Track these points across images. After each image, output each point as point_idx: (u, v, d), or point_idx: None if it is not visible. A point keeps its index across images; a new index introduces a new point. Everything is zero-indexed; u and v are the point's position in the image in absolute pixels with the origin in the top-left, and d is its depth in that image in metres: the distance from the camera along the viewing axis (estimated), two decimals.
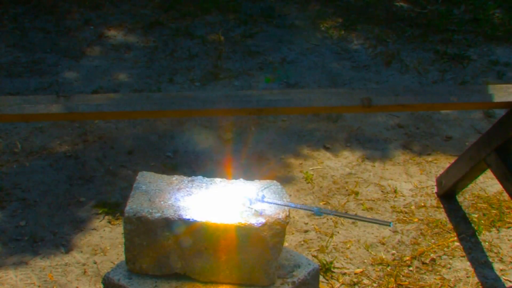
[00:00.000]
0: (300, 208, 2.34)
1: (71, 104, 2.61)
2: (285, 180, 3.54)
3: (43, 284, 2.86)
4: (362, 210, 3.35)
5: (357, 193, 3.46)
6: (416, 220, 3.31)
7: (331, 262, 2.99)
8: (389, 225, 3.22)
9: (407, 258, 3.07)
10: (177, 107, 2.64)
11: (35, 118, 2.70)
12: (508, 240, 3.20)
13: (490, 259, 3.08)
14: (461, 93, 2.79)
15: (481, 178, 3.51)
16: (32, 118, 2.69)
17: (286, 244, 3.05)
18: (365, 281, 2.93)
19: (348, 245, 3.12)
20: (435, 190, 3.50)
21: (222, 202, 2.21)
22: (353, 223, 3.25)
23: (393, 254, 3.09)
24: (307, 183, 3.53)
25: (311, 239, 3.15)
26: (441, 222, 3.29)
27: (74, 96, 2.67)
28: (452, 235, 3.22)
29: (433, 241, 3.18)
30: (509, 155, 2.95)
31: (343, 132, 3.99)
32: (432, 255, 3.09)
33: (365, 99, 2.70)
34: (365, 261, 3.04)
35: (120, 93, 2.77)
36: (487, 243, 3.18)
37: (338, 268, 2.99)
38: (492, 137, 2.98)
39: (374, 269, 2.99)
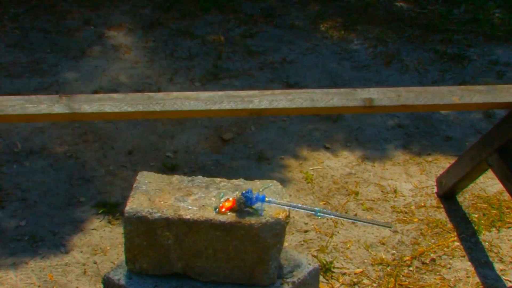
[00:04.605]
0: (300, 209, 2.34)
1: (73, 104, 2.61)
2: (285, 180, 3.54)
3: (43, 284, 2.86)
4: (362, 210, 3.35)
5: (357, 193, 3.46)
6: (416, 220, 3.31)
7: (331, 262, 2.99)
8: (390, 227, 3.23)
9: (407, 258, 3.07)
10: (179, 107, 2.64)
11: (37, 118, 2.70)
12: (508, 240, 3.21)
13: (490, 259, 3.08)
14: (463, 93, 2.79)
15: (481, 178, 3.51)
16: (35, 118, 2.69)
17: (286, 244, 3.05)
18: (365, 281, 2.93)
19: (348, 245, 3.12)
20: (435, 190, 3.50)
21: (222, 202, 2.21)
22: (353, 223, 3.25)
23: (393, 254, 3.09)
24: (307, 183, 3.53)
25: (311, 239, 3.15)
26: (441, 222, 3.29)
27: (76, 96, 2.66)
28: (452, 235, 3.22)
29: (433, 241, 3.18)
30: (511, 155, 2.95)
31: (343, 132, 3.99)
32: (432, 255, 3.09)
33: (366, 100, 2.70)
34: (365, 261, 3.04)
35: (122, 93, 2.77)
36: (487, 243, 3.18)
37: (338, 268, 2.99)
38: (493, 137, 2.98)
39: (374, 269, 3.00)
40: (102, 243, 3.09)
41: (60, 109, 2.59)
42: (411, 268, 3.01)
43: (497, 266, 3.05)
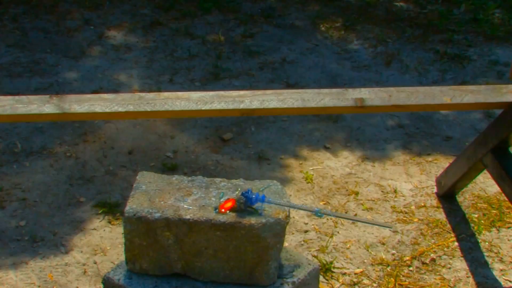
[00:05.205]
0: (300, 209, 2.35)
1: (63, 104, 2.61)
2: (285, 180, 3.54)
3: (43, 284, 2.86)
4: (362, 210, 3.35)
5: (357, 193, 3.47)
6: (416, 220, 3.31)
7: (331, 262, 2.99)
8: (391, 228, 3.23)
9: (407, 258, 3.07)
10: (169, 107, 2.65)
11: (27, 118, 2.71)
12: (508, 240, 3.21)
13: (490, 259, 3.08)
14: (454, 93, 2.80)
15: (481, 178, 3.51)
16: (25, 118, 2.70)
17: (286, 244, 3.05)
18: (365, 281, 2.93)
19: (348, 245, 3.12)
20: (435, 190, 3.50)
21: (222, 202, 2.21)
22: (353, 223, 3.25)
23: (393, 254, 3.09)
24: (307, 183, 3.53)
25: (311, 239, 3.15)
26: (441, 222, 3.29)
27: (66, 96, 2.67)
28: (452, 235, 3.22)
29: (433, 241, 3.18)
30: (505, 155, 2.95)
31: (343, 132, 3.99)
32: (432, 255, 3.09)
33: (358, 100, 2.71)
34: (365, 261, 3.04)
35: (113, 93, 2.79)
36: (487, 243, 3.18)
37: (338, 268, 2.99)
38: (488, 137, 2.98)
39: (374, 269, 3.00)
40: (102, 243, 3.09)
41: (50, 109, 2.60)
42: (411, 268, 3.01)
43: (497, 266, 3.05)
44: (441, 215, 3.34)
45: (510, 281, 2.97)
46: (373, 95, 2.75)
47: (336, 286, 2.90)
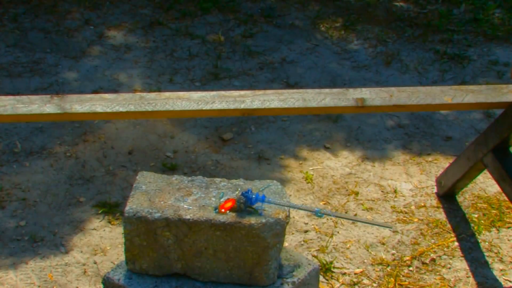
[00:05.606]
0: (300, 209, 2.34)
1: (64, 104, 2.62)
2: (285, 180, 3.54)
3: (43, 284, 2.86)
4: (362, 210, 3.35)
5: (357, 193, 3.47)
6: (416, 220, 3.31)
7: (331, 262, 2.99)
8: (391, 228, 3.23)
9: (407, 258, 3.07)
10: (170, 107, 2.65)
11: (28, 118, 2.71)
12: (508, 240, 3.21)
13: (490, 259, 3.08)
14: (455, 93, 2.80)
15: (480, 178, 3.51)
16: (26, 118, 2.70)
17: (286, 244, 3.05)
18: (365, 281, 2.93)
19: (348, 245, 3.12)
20: (435, 190, 3.50)
21: (222, 202, 2.21)
22: (353, 223, 3.26)
23: (393, 254, 3.09)
24: (307, 183, 3.53)
25: (311, 239, 3.15)
26: (441, 222, 3.29)
27: (68, 96, 2.67)
28: (452, 235, 3.22)
29: (433, 241, 3.18)
30: (506, 155, 2.95)
31: (343, 132, 3.99)
32: (432, 255, 3.09)
33: (359, 100, 2.71)
34: (365, 261, 3.04)
35: (114, 93, 2.79)
36: (487, 243, 3.18)
37: (338, 268, 2.99)
38: (488, 137, 2.98)
39: (374, 269, 3.00)
40: (102, 243, 3.09)
41: (51, 109, 2.60)
42: (411, 268, 3.01)
43: (497, 266, 3.05)
44: (441, 215, 3.34)
45: (510, 281, 2.97)
46: (374, 95, 2.75)
47: (336, 286, 2.90)
